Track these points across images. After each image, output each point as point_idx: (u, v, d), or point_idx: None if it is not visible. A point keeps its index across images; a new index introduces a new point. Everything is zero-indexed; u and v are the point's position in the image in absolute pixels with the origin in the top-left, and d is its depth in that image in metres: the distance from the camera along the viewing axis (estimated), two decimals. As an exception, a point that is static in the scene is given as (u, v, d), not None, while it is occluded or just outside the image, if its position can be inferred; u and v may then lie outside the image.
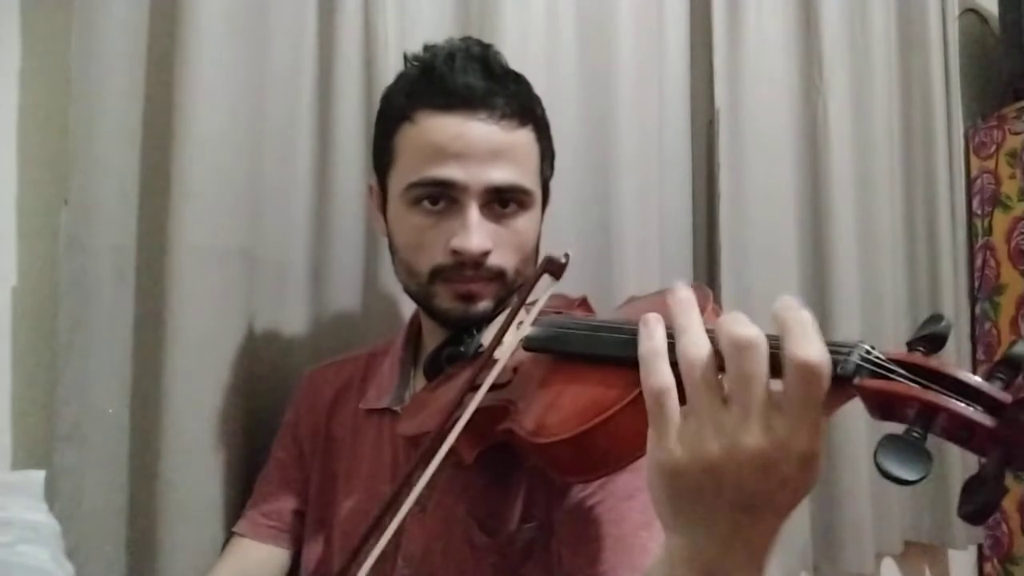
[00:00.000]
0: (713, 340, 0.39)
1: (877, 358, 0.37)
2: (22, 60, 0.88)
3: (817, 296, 1.25)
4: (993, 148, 1.47)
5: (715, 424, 0.38)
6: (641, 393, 0.43)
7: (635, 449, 0.46)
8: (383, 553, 0.69)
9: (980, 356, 1.46)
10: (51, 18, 0.88)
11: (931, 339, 0.38)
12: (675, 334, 0.41)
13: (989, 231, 1.47)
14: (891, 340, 1.30)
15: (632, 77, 1.11)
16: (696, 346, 0.39)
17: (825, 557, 1.24)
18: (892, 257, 1.33)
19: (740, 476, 0.37)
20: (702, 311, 0.44)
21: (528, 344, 0.59)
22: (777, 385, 0.38)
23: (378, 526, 0.48)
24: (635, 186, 1.10)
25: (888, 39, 1.37)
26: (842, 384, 0.37)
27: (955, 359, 1.36)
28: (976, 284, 1.48)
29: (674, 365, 0.40)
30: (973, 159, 1.51)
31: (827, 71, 1.26)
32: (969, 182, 1.51)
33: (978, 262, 1.48)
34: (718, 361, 0.39)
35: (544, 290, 0.61)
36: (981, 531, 1.44)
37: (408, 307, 0.97)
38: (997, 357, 0.37)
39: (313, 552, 0.77)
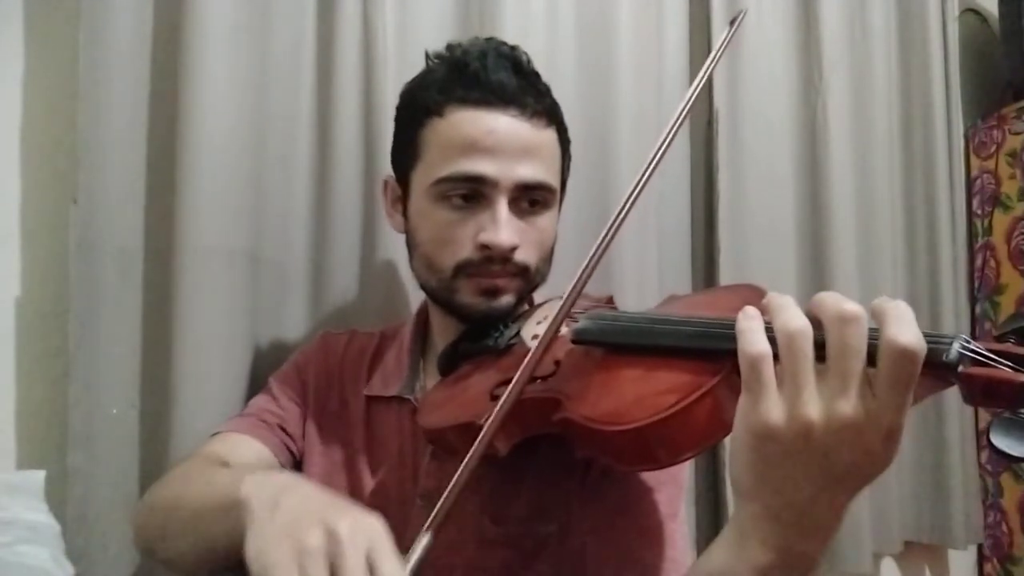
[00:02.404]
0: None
1: (976, 348, 0.40)
2: (26, 61, 0.89)
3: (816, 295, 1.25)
4: (993, 148, 1.47)
5: (811, 391, 0.40)
6: (717, 383, 0.46)
7: (701, 441, 0.48)
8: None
9: (980, 356, 1.46)
10: (56, 18, 0.89)
11: (1021, 332, 0.41)
12: (772, 314, 0.42)
13: (989, 231, 1.46)
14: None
15: (632, 77, 1.11)
16: (797, 319, 0.41)
17: (824, 557, 1.24)
18: (892, 257, 1.33)
19: (831, 443, 0.40)
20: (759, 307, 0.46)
21: (578, 337, 0.59)
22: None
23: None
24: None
25: (888, 39, 1.37)
26: (946, 371, 0.40)
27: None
28: (976, 284, 1.48)
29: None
30: (973, 159, 1.51)
31: (827, 71, 1.26)
32: (969, 182, 1.51)
33: (978, 262, 1.48)
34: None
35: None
36: (981, 531, 1.44)
37: (407, 304, 0.98)
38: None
39: None
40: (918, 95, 1.41)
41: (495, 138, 0.66)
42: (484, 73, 0.67)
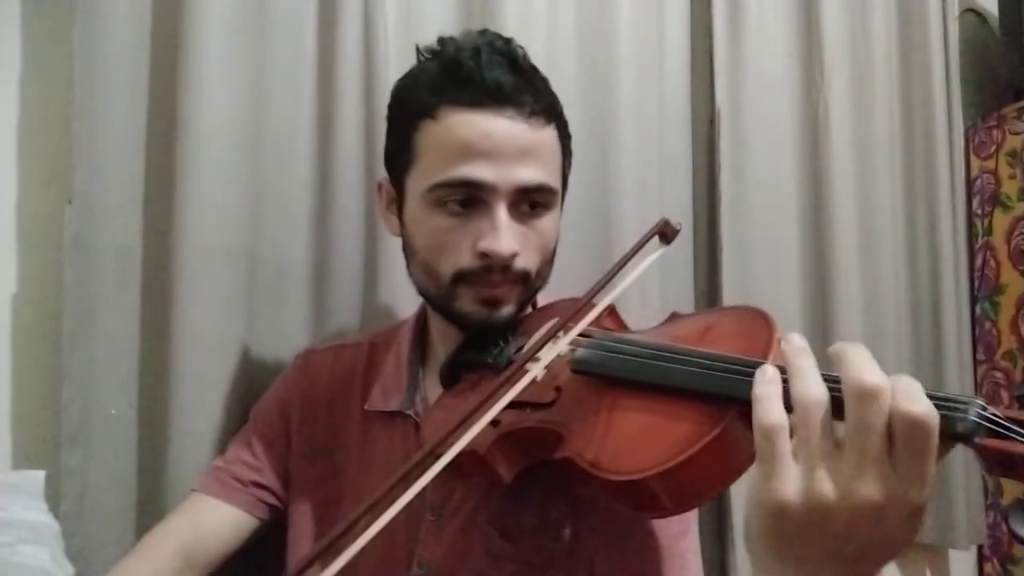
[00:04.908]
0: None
1: (994, 415, 0.38)
2: (23, 61, 0.88)
3: (818, 295, 1.25)
4: (993, 148, 1.46)
5: (829, 468, 0.38)
6: (722, 431, 0.44)
7: (713, 488, 0.46)
8: (392, 559, 0.68)
9: (980, 356, 1.46)
10: (52, 18, 0.89)
11: None
12: (790, 376, 0.41)
13: (989, 231, 1.46)
14: (892, 339, 1.29)
15: (632, 76, 1.11)
16: (815, 388, 0.39)
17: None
18: (892, 257, 1.33)
19: (849, 524, 0.37)
20: (769, 340, 0.46)
21: (579, 367, 0.57)
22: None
23: (357, 522, 0.47)
24: (635, 184, 1.09)
25: (888, 39, 1.37)
26: (961, 441, 0.38)
27: (955, 360, 1.36)
28: (976, 284, 1.47)
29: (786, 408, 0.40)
30: (973, 159, 1.51)
31: (828, 70, 1.26)
32: (969, 182, 1.51)
33: (978, 262, 1.48)
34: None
35: (650, 254, 0.62)
36: (982, 531, 1.43)
37: (408, 307, 0.97)
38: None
39: (307, 549, 0.74)
40: (918, 95, 1.41)
41: (492, 141, 0.63)
42: (478, 72, 0.63)
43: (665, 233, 0.65)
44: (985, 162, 1.48)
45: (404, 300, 0.97)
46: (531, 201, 0.67)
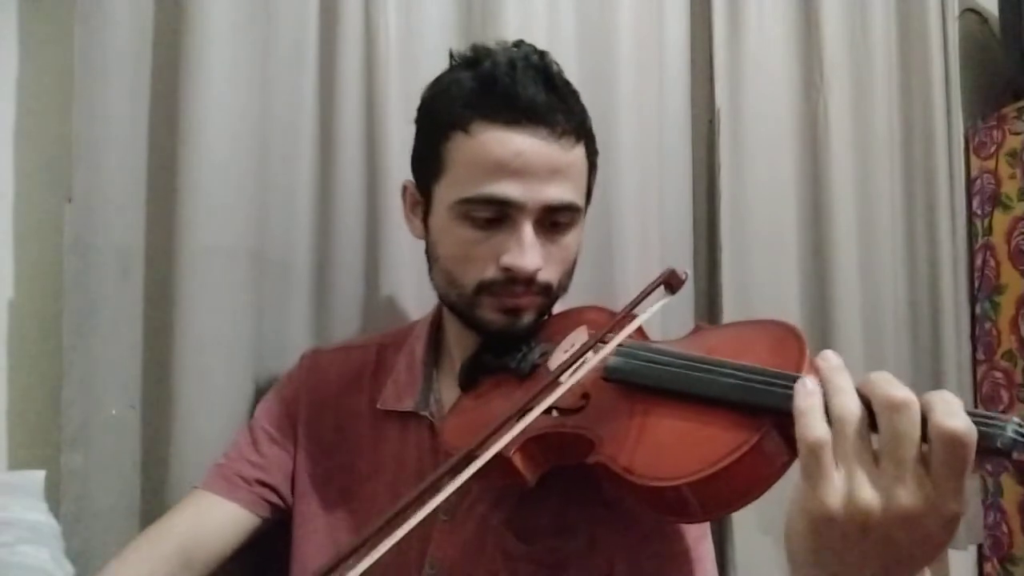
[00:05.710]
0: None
1: None
2: (20, 56, 0.88)
3: (817, 295, 1.25)
4: (993, 148, 1.47)
5: (869, 475, 0.40)
6: (758, 442, 0.45)
7: (742, 498, 0.47)
8: (404, 559, 0.68)
9: (980, 356, 1.46)
10: (51, 16, 0.88)
11: None
12: (828, 393, 0.43)
13: (989, 231, 1.47)
14: (891, 339, 1.29)
15: (632, 76, 1.11)
16: (853, 403, 0.42)
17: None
18: (892, 257, 1.33)
19: (888, 529, 0.40)
20: (801, 355, 0.48)
21: (610, 375, 0.58)
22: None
23: (387, 527, 0.48)
24: (635, 185, 1.10)
25: (888, 39, 1.37)
26: (998, 456, 0.40)
27: (954, 359, 1.36)
28: (976, 284, 1.48)
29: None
30: (973, 159, 1.51)
31: (827, 70, 1.26)
32: (969, 182, 1.51)
33: (978, 262, 1.48)
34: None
35: (655, 302, 0.63)
36: (981, 531, 1.44)
37: (412, 307, 0.97)
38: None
39: (315, 549, 0.74)
40: (918, 95, 1.41)
41: (522, 160, 0.63)
42: (512, 89, 0.64)
43: (671, 283, 0.66)
44: (985, 162, 1.48)
45: (407, 300, 0.97)
46: (556, 218, 0.67)
